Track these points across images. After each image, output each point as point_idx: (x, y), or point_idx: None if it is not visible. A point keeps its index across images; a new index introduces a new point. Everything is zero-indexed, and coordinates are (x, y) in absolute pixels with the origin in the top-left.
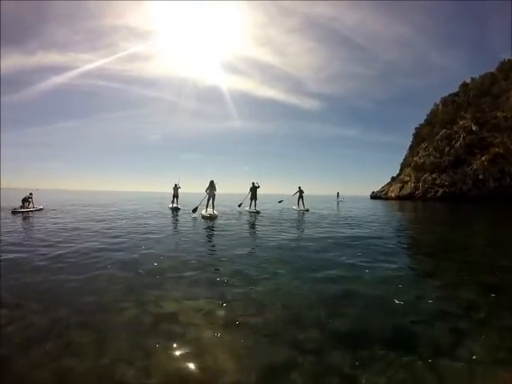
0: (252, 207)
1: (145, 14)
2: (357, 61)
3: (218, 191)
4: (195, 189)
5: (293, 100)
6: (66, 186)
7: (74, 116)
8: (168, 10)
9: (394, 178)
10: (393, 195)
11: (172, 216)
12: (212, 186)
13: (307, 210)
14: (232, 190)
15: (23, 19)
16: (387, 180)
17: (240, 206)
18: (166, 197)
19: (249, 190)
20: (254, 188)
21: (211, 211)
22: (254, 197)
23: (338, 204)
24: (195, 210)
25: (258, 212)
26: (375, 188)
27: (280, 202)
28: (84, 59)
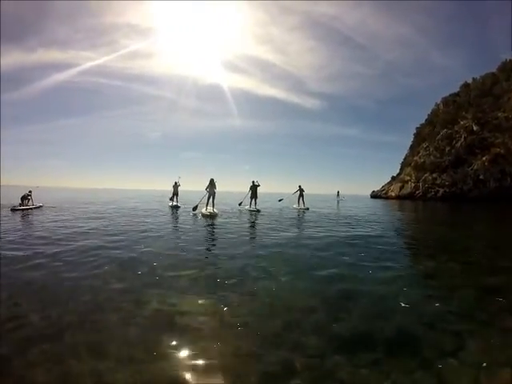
0: (252, 206)
1: (146, 12)
2: (358, 60)
3: (218, 189)
4: (195, 187)
5: (294, 99)
6: (67, 184)
7: (75, 113)
8: (169, 8)
9: (395, 178)
10: (393, 195)
11: (172, 214)
12: (212, 185)
13: (307, 209)
14: (232, 188)
15: (23, 16)
16: (387, 179)
17: (240, 205)
18: (167, 195)
19: (249, 189)
20: (255, 187)
21: (211, 209)
22: (255, 195)
23: (338, 203)
24: (195, 209)
25: (259, 211)
26: (375, 187)
27: (280, 201)
28: (85, 57)
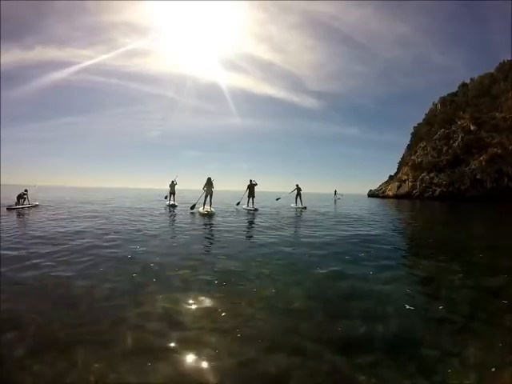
0: (250, 205)
1: (144, 11)
2: (357, 59)
3: (216, 188)
4: (195, 186)
5: (293, 98)
6: (65, 183)
7: (74, 112)
8: (167, 7)
9: (392, 177)
10: (390, 194)
11: (169, 213)
12: (209, 183)
13: (305, 208)
14: (230, 187)
15: (21, 15)
16: (385, 178)
17: (238, 205)
18: (165, 194)
19: (246, 188)
20: (252, 186)
21: (209, 208)
22: (252, 194)
23: (336, 202)
24: (193, 207)
25: (256, 210)
26: (373, 186)
27: (278, 200)
28: (83, 55)
